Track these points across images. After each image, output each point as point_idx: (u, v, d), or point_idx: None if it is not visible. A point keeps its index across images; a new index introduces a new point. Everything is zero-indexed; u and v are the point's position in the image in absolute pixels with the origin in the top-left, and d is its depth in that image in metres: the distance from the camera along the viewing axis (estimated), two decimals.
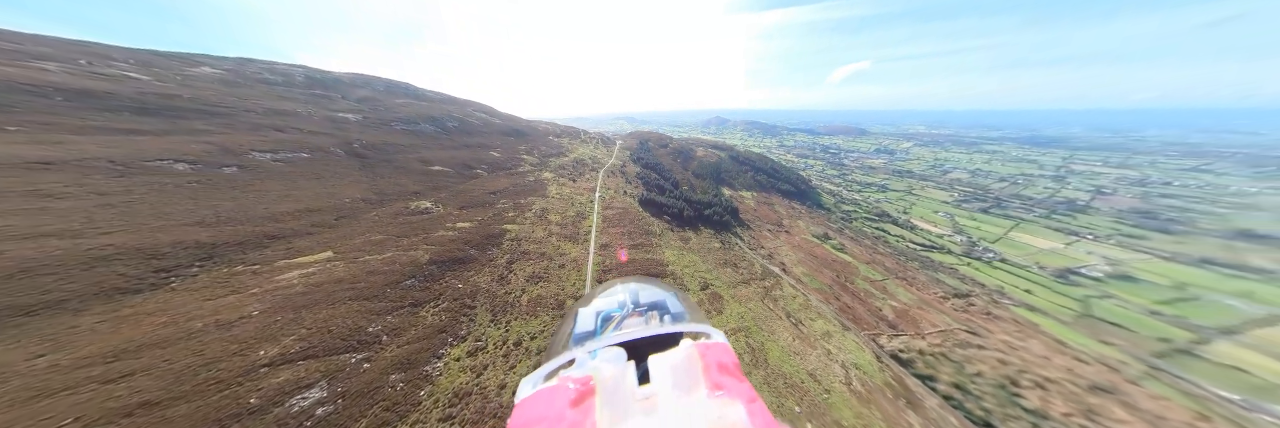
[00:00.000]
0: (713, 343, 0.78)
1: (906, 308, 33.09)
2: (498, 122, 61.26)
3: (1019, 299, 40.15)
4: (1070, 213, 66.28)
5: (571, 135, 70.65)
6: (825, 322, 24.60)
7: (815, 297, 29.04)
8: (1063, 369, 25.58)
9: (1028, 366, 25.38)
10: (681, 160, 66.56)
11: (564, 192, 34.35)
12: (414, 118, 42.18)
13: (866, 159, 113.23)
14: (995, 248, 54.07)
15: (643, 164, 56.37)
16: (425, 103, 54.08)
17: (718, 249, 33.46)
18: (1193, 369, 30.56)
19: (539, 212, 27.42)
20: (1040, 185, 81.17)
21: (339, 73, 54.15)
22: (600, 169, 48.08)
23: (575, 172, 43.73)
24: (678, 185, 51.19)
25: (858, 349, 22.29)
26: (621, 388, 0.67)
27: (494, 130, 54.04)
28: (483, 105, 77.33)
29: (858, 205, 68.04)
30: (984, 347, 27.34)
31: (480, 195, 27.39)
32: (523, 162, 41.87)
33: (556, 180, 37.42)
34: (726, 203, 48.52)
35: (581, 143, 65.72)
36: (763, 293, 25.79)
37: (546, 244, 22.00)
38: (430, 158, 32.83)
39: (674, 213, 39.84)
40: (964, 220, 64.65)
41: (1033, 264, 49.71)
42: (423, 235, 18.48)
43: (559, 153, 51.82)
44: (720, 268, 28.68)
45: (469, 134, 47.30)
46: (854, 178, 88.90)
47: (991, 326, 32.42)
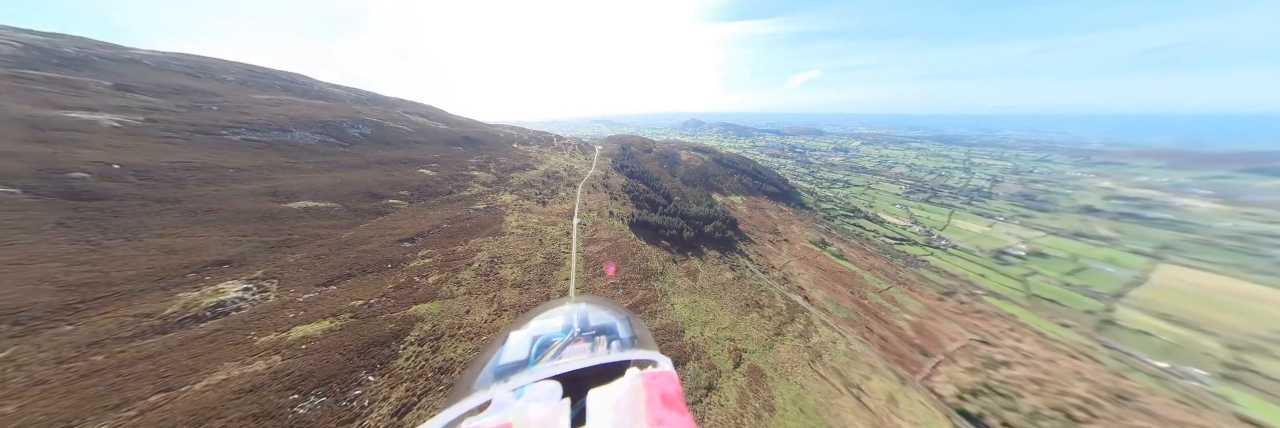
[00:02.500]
0: (659, 372, 0.67)
1: (920, 321, 30.09)
2: (443, 127, 45.19)
3: (984, 287, 41.11)
4: (982, 198, 75.14)
5: (543, 142, 56.28)
6: (880, 378, 18.92)
7: (851, 333, 23.53)
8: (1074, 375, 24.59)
9: (1051, 379, 23.57)
10: (668, 166, 57.67)
11: (530, 222, 23.27)
12: (283, 123, 25.87)
13: (827, 157, 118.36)
14: (945, 235, 57.09)
15: (628, 173, 45.72)
16: (318, 103, 36.12)
17: (732, 282, 25.31)
18: (1126, 341, 32.87)
19: (485, 264, 16.39)
20: (956, 176, 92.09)
21: (140, 51, 33.07)
22: (579, 183, 36.69)
23: (546, 190, 31.90)
24: (670, 197, 41.51)
25: (928, 415, 17.05)
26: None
27: (433, 138, 38.99)
28: (427, 107, 58.12)
29: (833, 203, 67.46)
30: (1008, 363, 25.02)
31: (378, 248, 15.22)
32: (472, 181, 28.91)
33: (519, 205, 26.06)
34: (724, 214, 41.34)
35: (555, 151, 51.95)
36: (802, 347, 19.05)
37: (489, 337, 11.46)
38: (294, 187, 18.66)
39: (673, 235, 30.32)
40: (915, 210, 67.44)
41: (975, 248, 52.54)
42: (168, 387, 6.91)
43: (525, 165, 38.73)
44: (743, 314, 20.90)
45: (388, 145, 32.10)
46: (821, 175, 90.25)
47: (987, 326, 31.35)
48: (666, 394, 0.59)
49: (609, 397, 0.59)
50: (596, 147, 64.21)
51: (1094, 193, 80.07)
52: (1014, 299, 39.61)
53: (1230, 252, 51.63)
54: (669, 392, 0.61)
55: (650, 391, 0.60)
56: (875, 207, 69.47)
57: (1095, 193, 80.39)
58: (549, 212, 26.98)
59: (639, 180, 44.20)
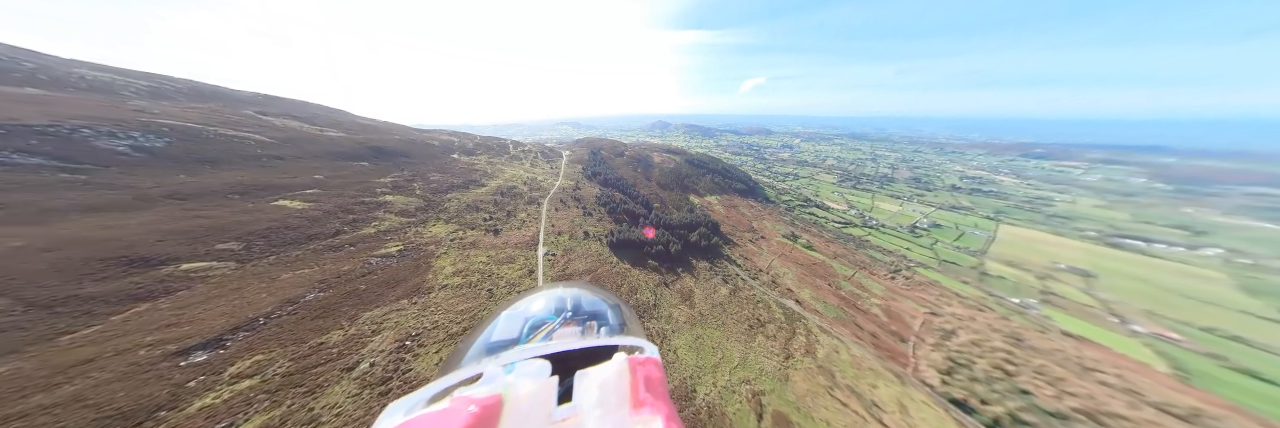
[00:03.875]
0: (645, 358, 0.68)
1: (886, 303, 32.07)
2: (334, 135, 31.43)
3: (913, 259, 47.66)
4: (889, 183, 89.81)
5: (495, 150, 44.72)
6: (884, 382, 18.18)
7: (846, 336, 23.00)
8: (989, 328, 28.96)
9: (981, 337, 27.13)
10: (642, 170, 52.86)
11: (474, 263, 15.78)
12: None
13: (777, 153, 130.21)
14: (874, 216, 64.65)
15: (601, 181, 39.35)
16: (30, 93, 20.43)
17: (729, 299, 22.42)
18: (996, 286, 42.00)
19: (385, 362, 9.06)
20: (868, 165, 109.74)
21: None
22: (545, 199, 29.00)
23: (500, 212, 23.61)
24: (650, 206, 36.35)
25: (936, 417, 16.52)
26: (536, 409, 0.52)
27: (315, 151, 26.28)
28: (316, 107, 41.08)
29: (790, 195, 72.39)
30: (955, 331, 28.05)
31: (93, 389, 5.69)
32: (380, 210, 19.05)
33: (459, 240, 17.87)
34: (705, 218, 38.46)
35: (512, 160, 41.96)
36: (814, 369, 17.17)
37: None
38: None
39: (659, 252, 25.46)
40: (849, 196, 76.09)
41: (897, 225, 60.67)
42: None
43: (470, 181, 28.94)
44: (750, 340, 18.21)
45: (211, 166, 19.46)
46: (776, 169, 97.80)
47: (929, 297, 35.01)
48: (651, 379, 0.61)
49: (596, 378, 0.59)
50: (563, 152, 55.85)
51: (953, 175, 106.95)
52: (933, 266, 46.52)
53: (1026, 212, 72.34)
54: (653, 377, 0.62)
55: (635, 375, 0.60)
56: (821, 195, 77.47)
57: (953, 175, 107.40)
58: (504, 243, 19.20)
59: (615, 189, 38.35)
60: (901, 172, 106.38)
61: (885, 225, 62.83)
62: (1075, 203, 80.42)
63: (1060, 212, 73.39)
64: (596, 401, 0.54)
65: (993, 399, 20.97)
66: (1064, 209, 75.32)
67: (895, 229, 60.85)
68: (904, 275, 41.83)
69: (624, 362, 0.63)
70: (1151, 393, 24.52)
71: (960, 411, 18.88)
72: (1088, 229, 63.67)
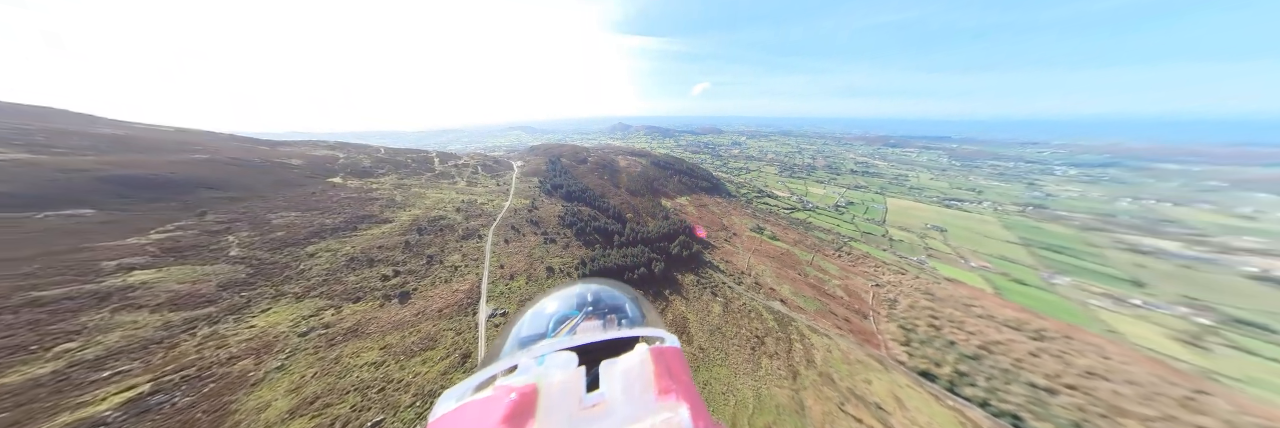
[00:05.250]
0: (666, 347, 0.71)
1: (843, 282, 35.03)
2: (15, 156, 14.92)
3: (845, 234, 56.47)
4: (813, 170, 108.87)
5: (412, 167, 31.54)
6: (874, 374, 18.50)
7: (829, 328, 23.46)
8: (915, 290, 34.69)
9: (913, 300, 32.16)
10: (609, 176, 47.54)
11: (344, 381, 7.65)
12: None
13: (729, 150, 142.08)
14: (809, 199, 75.40)
15: (564, 195, 32.23)
16: None
17: (723, 317, 20.36)
18: (900, 248, 53.28)
19: None
20: (798, 158, 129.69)
21: None
22: (489, 228, 21.01)
23: (416, 262, 14.98)
24: (623, 218, 31.43)
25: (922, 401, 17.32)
26: (568, 396, 0.57)
27: None
28: (30, 108, 22.18)
29: (747, 188, 78.81)
30: (896, 299, 32.60)
31: None
32: (99, 311, 7.78)
33: (319, 338, 9.06)
34: (681, 223, 35.62)
35: (437, 179, 30.06)
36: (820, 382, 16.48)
37: None
38: None
39: (644, 274, 21.38)
40: (789, 184, 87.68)
41: (826, 205, 72.05)
42: None
43: (359, 219, 18.19)
44: (756, 369, 16.33)
45: None
46: (731, 165, 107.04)
47: (870, 270, 40.55)
48: (673, 367, 0.64)
49: (619, 367, 0.62)
50: (515, 163, 46.00)
51: (849, 161, 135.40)
52: (860, 239, 55.62)
53: (897, 186, 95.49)
54: (675, 365, 0.65)
55: (658, 364, 0.63)
56: (769, 186, 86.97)
57: (850, 161, 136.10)
58: (417, 314, 11.60)
59: (582, 202, 31.97)
60: (819, 161, 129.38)
61: (819, 207, 73.44)
62: (920, 177, 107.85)
63: (915, 184, 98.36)
64: (622, 388, 0.57)
65: (942, 361, 24.02)
66: (916, 182, 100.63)
67: (825, 209, 71.93)
68: (845, 251, 47.74)
69: (646, 352, 0.65)
70: (997, 313, 32.26)
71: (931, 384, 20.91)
72: (932, 196, 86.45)
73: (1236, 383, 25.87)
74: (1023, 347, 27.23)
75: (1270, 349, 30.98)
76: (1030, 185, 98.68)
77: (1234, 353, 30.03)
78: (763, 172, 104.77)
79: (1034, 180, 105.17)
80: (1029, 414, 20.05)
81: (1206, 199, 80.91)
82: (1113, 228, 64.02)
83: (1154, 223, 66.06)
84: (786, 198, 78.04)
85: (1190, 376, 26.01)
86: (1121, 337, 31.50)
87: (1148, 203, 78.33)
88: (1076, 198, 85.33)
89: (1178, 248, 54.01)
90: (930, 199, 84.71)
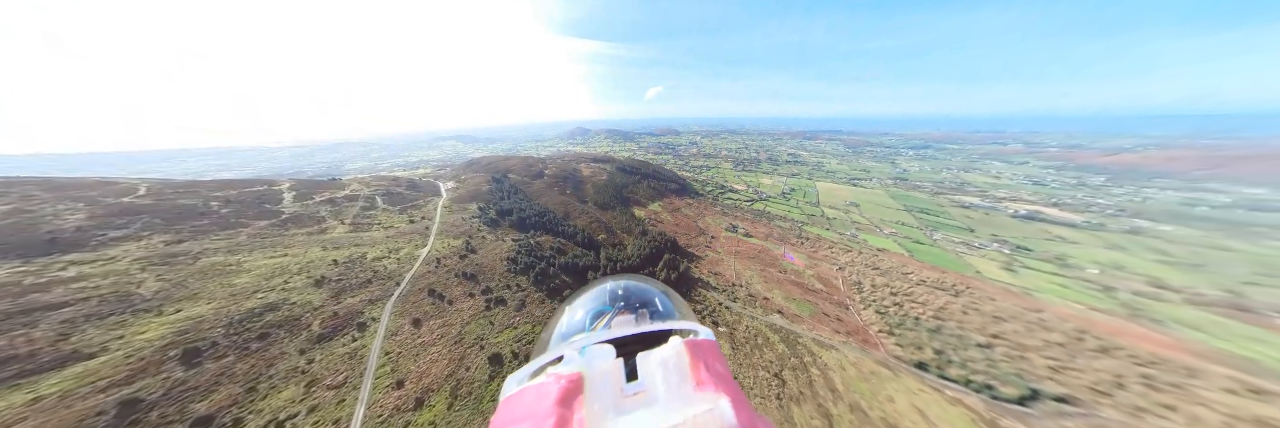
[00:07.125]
0: (701, 340, 0.71)
1: (815, 271, 35.63)
2: None
3: (796, 219, 62.62)
4: (759, 163, 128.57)
5: (218, 218, 18.20)
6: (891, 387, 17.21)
7: (829, 335, 22.18)
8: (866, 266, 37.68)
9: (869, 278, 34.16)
10: (573, 189, 39.80)
11: None
12: None
13: (688, 149, 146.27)
14: (763, 190, 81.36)
15: (515, 223, 23.15)
16: None
17: (732, 355, 16.93)
18: (837, 226, 60.72)
19: None
20: (746, 153, 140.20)
21: None
22: (387, 303, 11.66)
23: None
24: (597, 244, 24.54)
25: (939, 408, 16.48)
26: (610, 384, 0.60)
27: None
28: None
29: (711, 185, 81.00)
30: (860, 282, 33.99)
31: None
32: None
33: None
34: (660, 235, 30.31)
35: (291, 230, 18.26)
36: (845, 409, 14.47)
37: None
38: None
39: None
40: (744, 177, 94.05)
41: (775, 193, 79.50)
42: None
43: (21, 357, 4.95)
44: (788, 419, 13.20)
45: None
46: (692, 164, 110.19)
47: (830, 254, 42.72)
48: (709, 360, 0.64)
49: (655, 358, 0.64)
50: (444, 184, 33.37)
51: (784, 153, 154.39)
52: (810, 223, 61.18)
53: (820, 171, 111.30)
54: (711, 358, 0.65)
55: (693, 356, 0.63)
56: (728, 181, 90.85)
57: (784, 153, 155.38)
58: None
59: (540, 230, 23.56)
60: (762, 155, 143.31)
61: (770, 196, 78.94)
62: (831, 163, 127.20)
63: (829, 169, 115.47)
64: (661, 379, 0.59)
65: (922, 343, 24.62)
66: (830, 168, 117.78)
67: (775, 197, 78.15)
68: (804, 237, 49.98)
69: (680, 344, 0.66)
70: (922, 275, 36.68)
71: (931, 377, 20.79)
72: (842, 177, 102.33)
73: (1038, 294, 33.86)
74: (954, 306, 30.06)
75: (1039, 264, 43.06)
76: (892, 164, 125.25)
77: (1026, 271, 40.65)
78: (720, 168, 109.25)
79: (894, 160, 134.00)
80: (997, 382, 21.36)
81: (976, 167, 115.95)
82: (945, 191, 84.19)
83: (960, 185, 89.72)
84: (745, 191, 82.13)
85: (1025, 297, 32.82)
86: (981, 276, 38.77)
87: (953, 172, 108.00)
88: (919, 172, 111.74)
89: (976, 201, 73.35)
90: (841, 180, 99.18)
